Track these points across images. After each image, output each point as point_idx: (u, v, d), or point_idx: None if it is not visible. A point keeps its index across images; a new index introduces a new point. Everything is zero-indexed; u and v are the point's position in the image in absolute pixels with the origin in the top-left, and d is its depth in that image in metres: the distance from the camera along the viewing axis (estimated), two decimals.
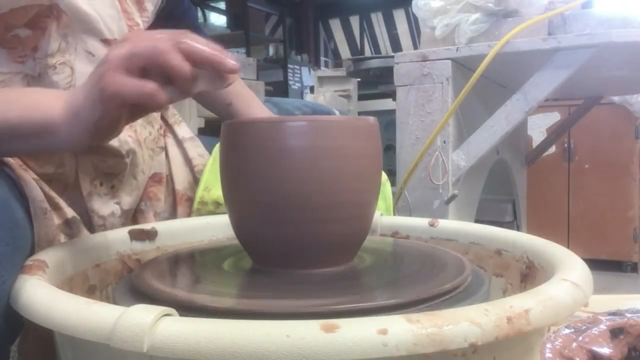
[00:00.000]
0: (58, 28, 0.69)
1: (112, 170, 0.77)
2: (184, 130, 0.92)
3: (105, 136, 0.58)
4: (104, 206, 0.76)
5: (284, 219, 0.57)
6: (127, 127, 0.76)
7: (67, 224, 0.70)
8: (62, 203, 0.71)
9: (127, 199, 0.79)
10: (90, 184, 0.75)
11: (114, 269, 0.69)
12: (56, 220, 0.68)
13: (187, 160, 0.89)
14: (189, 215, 0.86)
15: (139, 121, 0.81)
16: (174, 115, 0.93)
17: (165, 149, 0.89)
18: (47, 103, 0.56)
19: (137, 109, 0.55)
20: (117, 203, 0.78)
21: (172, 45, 0.51)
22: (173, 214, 0.86)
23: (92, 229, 0.75)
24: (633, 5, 1.60)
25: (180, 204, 0.86)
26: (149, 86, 0.51)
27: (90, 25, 0.71)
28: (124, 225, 0.79)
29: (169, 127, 0.91)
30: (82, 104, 0.54)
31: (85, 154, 0.74)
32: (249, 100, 0.92)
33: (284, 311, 0.47)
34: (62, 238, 0.68)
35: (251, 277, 0.61)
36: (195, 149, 0.90)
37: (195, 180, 0.88)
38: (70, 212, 0.71)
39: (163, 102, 0.53)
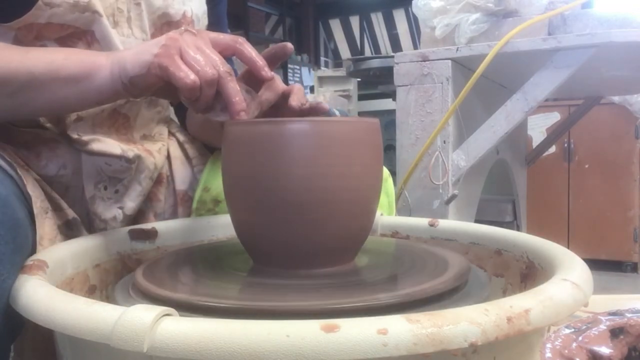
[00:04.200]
0: None
1: (117, 175, 0.77)
2: (185, 134, 0.93)
3: (135, 94, 0.64)
4: (107, 210, 0.76)
5: (284, 220, 0.57)
6: (131, 142, 0.78)
7: (68, 224, 0.70)
8: (64, 204, 0.71)
9: (131, 205, 0.79)
10: (94, 187, 0.75)
11: (114, 269, 0.69)
12: (57, 221, 0.69)
13: (188, 159, 0.90)
14: (189, 215, 0.86)
15: (147, 140, 0.82)
16: (177, 127, 0.94)
17: (167, 149, 0.89)
18: (94, 53, 0.65)
19: (168, 89, 0.61)
20: (120, 208, 0.78)
21: (228, 72, 0.59)
22: (174, 215, 0.86)
23: (92, 231, 0.75)
24: (633, 5, 1.61)
25: (182, 204, 0.86)
26: (191, 78, 0.57)
27: None
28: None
29: (171, 134, 0.92)
30: (129, 57, 0.61)
31: (91, 156, 0.74)
32: None
33: (284, 311, 0.47)
34: (62, 239, 0.68)
35: (251, 277, 0.61)
36: (196, 149, 0.91)
37: (196, 179, 0.88)
38: (71, 213, 0.71)
39: (192, 99, 0.60)
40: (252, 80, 0.67)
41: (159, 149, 0.84)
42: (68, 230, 0.70)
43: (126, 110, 0.78)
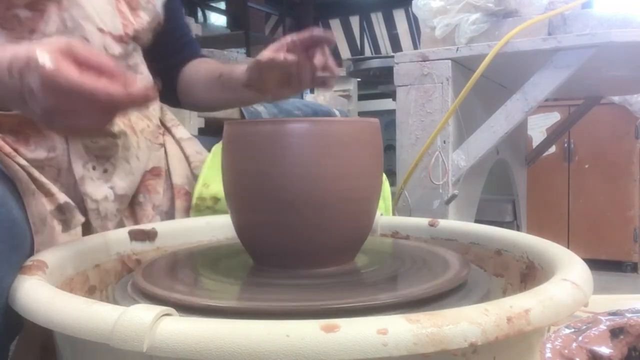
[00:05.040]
0: (58, 11, 0.72)
1: (104, 152, 0.77)
2: (182, 132, 0.94)
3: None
4: (97, 190, 0.77)
5: (284, 220, 0.57)
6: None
7: (60, 209, 0.70)
8: (54, 189, 0.71)
9: (121, 184, 0.79)
10: (83, 167, 0.76)
11: (114, 269, 0.69)
12: (48, 207, 0.68)
13: (185, 157, 0.91)
14: (187, 209, 0.87)
15: (135, 114, 0.84)
16: (172, 120, 0.95)
17: (164, 146, 0.90)
18: None
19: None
20: (111, 187, 0.78)
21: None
22: (171, 208, 0.87)
23: (85, 213, 0.75)
24: (633, 5, 1.61)
25: (179, 197, 0.87)
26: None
27: (87, 13, 0.74)
28: (118, 210, 0.79)
29: (167, 129, 0.93)
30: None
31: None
32: (235, 67, 0.95)
33: (284, 311, 0.47)
34: (56, 224, 0.68)
35: (251, 277, 0.61)
36: (193, 147, 0.92)
37: (193, 176, 0.89)
38: (62, 198, 0.71)
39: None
40: (295, 49, 0.77)
41: (142, 129, 0.85)
42: (61, 215, 0.70)
43: None
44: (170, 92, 1.00)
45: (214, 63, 1.02)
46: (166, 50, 0.96)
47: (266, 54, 0.80)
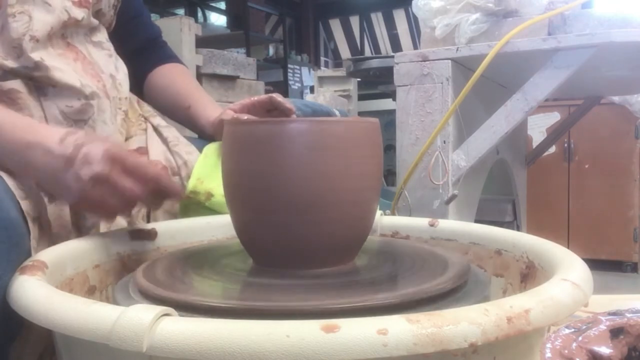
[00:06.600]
0: None
1: (81, 116, 0.78)
2: (159, 120, 0.96)
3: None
4: None
5: (284, 220, 0.57)
6: (91, 72, 0.83)
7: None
8: None
9: None
10: None
11: (114, 269, 0.69)
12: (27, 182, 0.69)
13: (162, 139, 0.93)
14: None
15: (109, 82, 0.86)
16: (149, 111, 0.97)
17: (145, 131, 0.93)
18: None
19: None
20: None
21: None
22: None
23: None
24: (633, 5, 1.61)
25: None
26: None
27: None
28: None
29: (145, 118, 0.96)
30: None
31: (51, 100, 0.75)
32: (204, 102, 1.00)
33: (284, 311, 0.47)
34: (42, 194, 0.68)
35: (251, 277, 0.61)
36: (170, 132, 0.94)
37: (171, 153, 0.91)
38: None
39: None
40: (256, 110, 0.86)
41: (113, 97, 0.85)
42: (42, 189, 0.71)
43: (76, 43, 0.82)
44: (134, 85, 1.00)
45: (185, 81, 1.04)
46: (122, 32, 0.97)
47: (230, 113, 0.89)
